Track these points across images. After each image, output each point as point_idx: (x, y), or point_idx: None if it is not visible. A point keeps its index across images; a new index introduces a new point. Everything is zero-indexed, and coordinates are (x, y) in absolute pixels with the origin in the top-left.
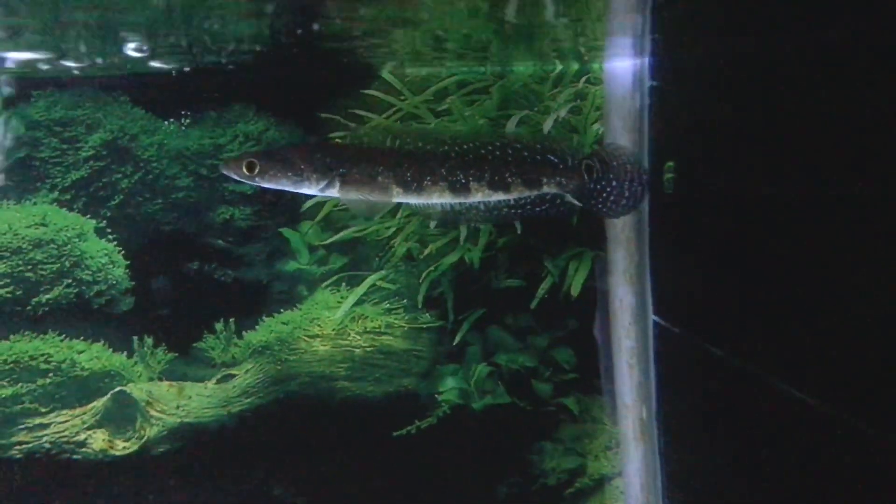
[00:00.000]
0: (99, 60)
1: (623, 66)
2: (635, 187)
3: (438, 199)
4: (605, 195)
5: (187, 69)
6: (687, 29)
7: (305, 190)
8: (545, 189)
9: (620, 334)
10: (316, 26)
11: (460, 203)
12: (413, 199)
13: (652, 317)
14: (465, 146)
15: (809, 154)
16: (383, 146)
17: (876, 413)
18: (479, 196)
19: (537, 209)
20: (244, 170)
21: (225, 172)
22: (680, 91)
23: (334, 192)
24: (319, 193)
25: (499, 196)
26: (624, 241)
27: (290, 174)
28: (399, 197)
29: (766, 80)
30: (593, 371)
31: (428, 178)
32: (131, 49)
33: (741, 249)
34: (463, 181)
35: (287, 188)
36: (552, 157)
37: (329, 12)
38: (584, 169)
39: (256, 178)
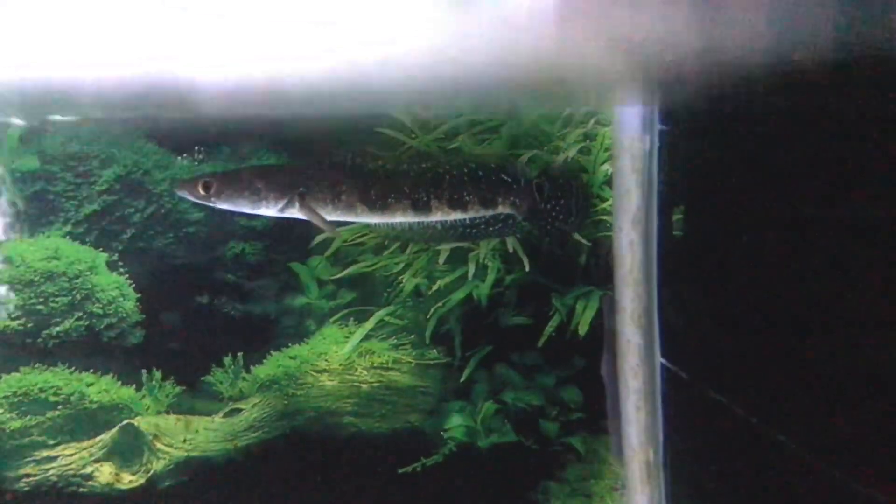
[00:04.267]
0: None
1: (632, 108)
2: (581, 203)
3: (401, 217)
4: (554, 213)
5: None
6: (695, 75)
7: (264, 210)
8: (500, 209)
9: (628, 375)
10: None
11: (419, 223)
12: (377, 218)
13: (659, 359)
14: (424, 165)
15: (820, 201)
16: (343, 164)
17: (878, 473)
18: (439, 215)
19: (490, 229)
20: (200, 190)
21: (179, 194)
22: (689, 135)
23: (294, 213)
24: (278, 214)
25: (457, 215)
26: (632, 282)
27: (246, 194)
28: (363, 216)
29: (775, 127)
30: (600, 411)
31: (392, 196)
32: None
33: (748, 296)
34: (425, 199)
35: (244, 209)
36: (506, 177)
37: None
38: (535, 189)
39: (213, 199)
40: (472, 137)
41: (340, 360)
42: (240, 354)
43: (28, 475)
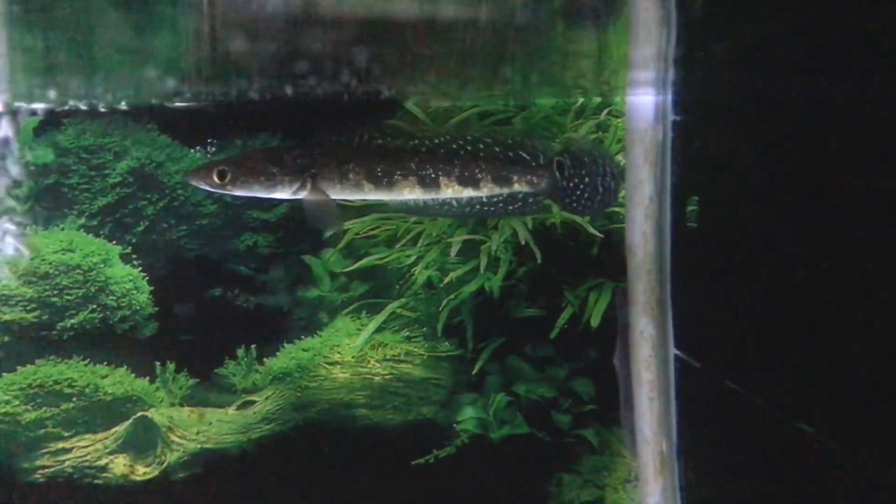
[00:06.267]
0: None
1: (645, 99)
2: (609, 182)
3: (409, 194)
4: (578, 192)
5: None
6: (709, 64)
7: (278, 194)
8: (516, 187)
9: (640, 367)
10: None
11: (433, 199)
12: (384, 196)
13: (673, 350)
14: (436, 140)
15: (833, 189)
16: (351, 142)
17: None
18: (450, 192)
19: (510, 208)
20: (215, 178)
21: (193, 183)
22: (703, 126)
23: (305, 195)
24: (291, 197)
25: (469, 193)
26: (644, 273)
27: (262, 179)
28: (371, 194)
29: (789, 116)
30: (613, 403)
31: (398, 172)
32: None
33: (763, 285)
34: (433, 176)
35: (259, 194)
36: (524, 155)
37: (358, 61)
38: (556, 167)
39: (228, 187)
40: (484, 129)
41: (353, 353)
42: (253, 347)
43: (43, 467)
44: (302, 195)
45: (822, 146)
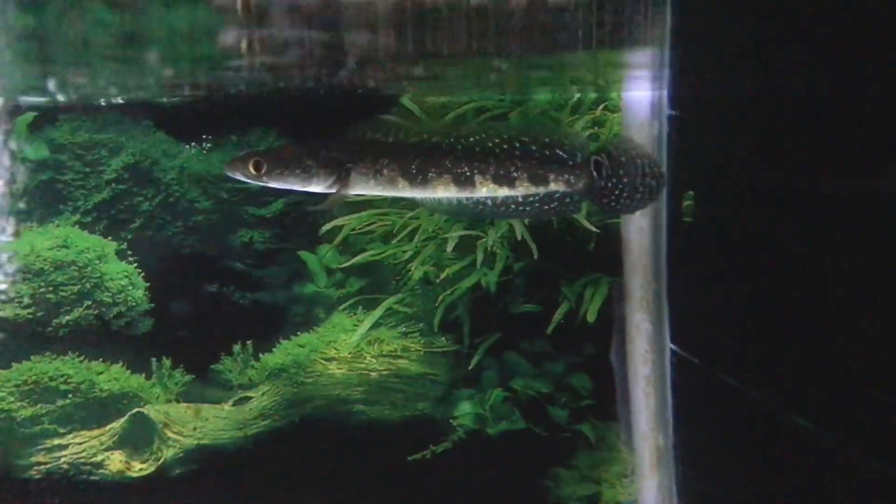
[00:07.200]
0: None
1: (641, 94)
2: (649, 181)
3: (444, 192)
4: (617, 192)
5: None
6: (705, 59)
7: (313, 188)
8: (552, 186)
9: (637, 361)
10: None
11: (468, 198)
12: (419, 193)
13: (669, 345)
14: (472, 139)
15: (828, 184)
16: (387, 138)
17: (894, 450)
18: (485, 191)
19: (546, 207)
20: (251, 169)
21: (229, 174)
22: (698, 121)
23: (340, 189)
24: (326, 190)
25: (504, 192)
26: (641, 269)
27: (298, 172)
28: (405, 190)
29: (785, 111)
30: (610, 398)
31: (432, 170)
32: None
33: (759, 280)
34: (468, 174)
35: (295, 187)
36: (561, 153)
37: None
38: (593, 166)
39: (264, 178)
40: (480, 125)
41: (349, 349)
42: (249, 343)
43: (39, 463)
44: (336, 189)
45: (818, 142)
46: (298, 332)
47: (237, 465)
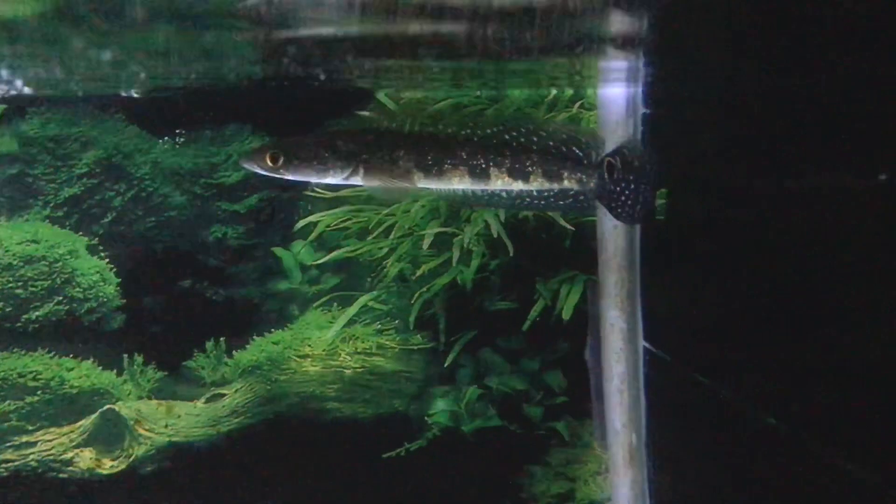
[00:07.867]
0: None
1: (617, 92)
2: (647, 193)
3: (459, 184)
4: (623, 198)
5: (182, 90)
6: (679, 58)
7: (329, 179)
8: (566, 184)
9: (611, 359)
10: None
11: (482, 190)
12: (434, 184)
13: (642, 342)
14: (489, 130)
15: (802, 182)
16: (402, 129)
17: (861, 449)
18: (500, 184)
19: (560, 203)
20: (268, 161)
21: (245, 166)
22: (672, 119)
23: (357, 180)
24: (342, 182)
25: (518, 186)
26: (615, 266)
27: (315, 164)
28: (420, 182)
29: (759, 109)
30: (584, 395)
31: (448, 161)
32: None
33: (732, 278)
34: (483, 166)
35: (311, 178)
36: (576, 151)
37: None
38: (606, 167)
39: (281, 170)
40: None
41: (324, 346)
42: (222, 339)
43: (7, 461)
44: (352, 181)
45: (791, 139)
46: (272, 329)
47: (210, 463)
